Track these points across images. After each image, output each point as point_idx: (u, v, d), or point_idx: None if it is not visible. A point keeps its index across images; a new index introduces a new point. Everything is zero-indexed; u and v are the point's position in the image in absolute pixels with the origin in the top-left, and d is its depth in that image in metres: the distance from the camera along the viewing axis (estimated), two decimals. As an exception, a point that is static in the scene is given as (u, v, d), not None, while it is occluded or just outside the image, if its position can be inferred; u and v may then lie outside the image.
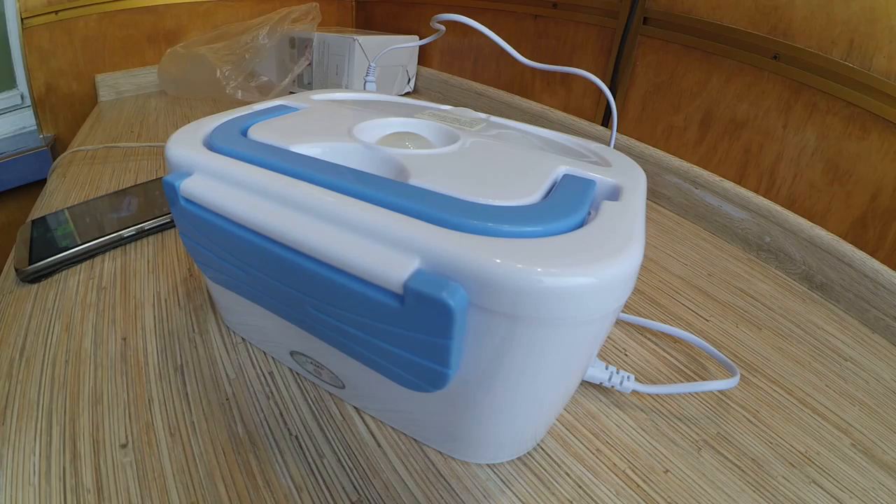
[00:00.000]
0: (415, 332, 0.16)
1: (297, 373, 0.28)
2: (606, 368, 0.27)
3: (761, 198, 0.44)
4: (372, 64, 0.44)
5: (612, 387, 0.27)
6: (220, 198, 0.20)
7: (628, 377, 0.27)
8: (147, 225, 0.39)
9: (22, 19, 0.67)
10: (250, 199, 0.20)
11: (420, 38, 0.78)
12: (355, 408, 0.26)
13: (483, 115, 0.32)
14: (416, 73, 0.84)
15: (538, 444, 0.25)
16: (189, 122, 0.26)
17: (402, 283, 0.15)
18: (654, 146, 0.53)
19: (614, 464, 0.24)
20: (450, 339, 0.16)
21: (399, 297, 0.16)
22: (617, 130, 0.57)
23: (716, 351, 0.30)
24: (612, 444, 0.25)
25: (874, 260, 0.36)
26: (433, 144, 0.26)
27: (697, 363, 0.31)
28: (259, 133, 0.24)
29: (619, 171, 0.23)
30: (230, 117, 0.27)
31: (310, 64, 0.76)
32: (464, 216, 0.17)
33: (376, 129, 0.27)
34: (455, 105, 0.35)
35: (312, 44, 0.74)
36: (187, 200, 0.21)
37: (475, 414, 0.20)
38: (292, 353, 0.26)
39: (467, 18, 0.34)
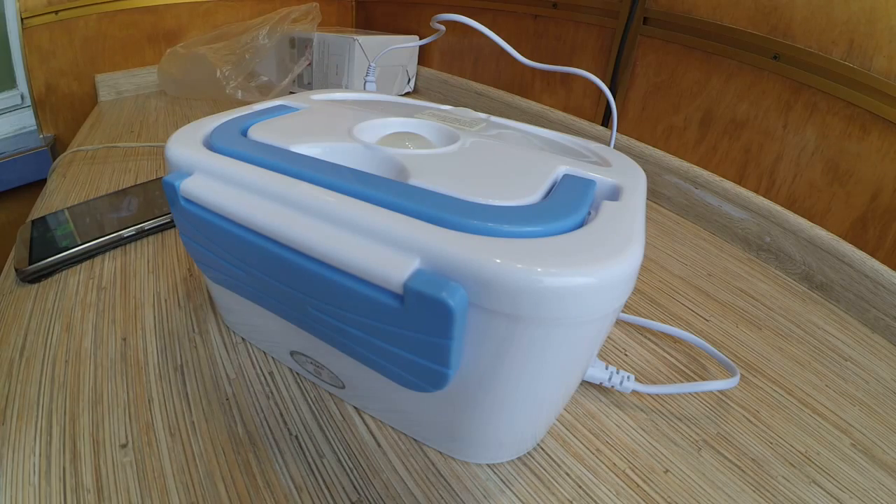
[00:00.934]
0: (415, 332, 0.16)
1: (297, 373, 0.28)
2: (606, 368, 0.27)
3: (761, 198, 0.44)
4: (372, 64, 0.44)
5: (612, 387, 0.27)
6: (219, 198, 0.20)
7: (628, 377, 0.27)
8: (147, 225, 0.39)
9: (22, 19, 0.67)
10: (250, 199, 0.20)
11: (420, 38, 0.78)
12: (355, 408, 0.26)
13: (483, 115, 0.32)
14: (416, 73, 0.84)
15: (538, 444, 0.25)
16: (189, 122, 0.26)
17: (402, 283, 0.15)
18: (654, 146, 0.53)
19: (614, 464, 0.24)
20: (450, 339, 0.16)
21: (399, 297, 0.16)
22: (617, 130, 0.57)
23: (716, 351, 0.30)
24: (612, 444, 0.25)
25: (874, 260, 0.36)
26: (433, 144, 0.26)
27: (697, 363, 0.31)
28: (259, 133, 0.24)
29: (619, 171, 0.23)
30: (230, 117, 0.27)
31: (310, 64, 0.76)
32: (464, 216, 0.17)
33: (376, 129, 0.27)
34: (455, 105, 0.35)
35: (312, 44, 0.74)
36: (187, 200, 0.21)
37: (475, 414, 0.20)
38: (292, 353, 0.26)
39: (467, 18, 0.34)
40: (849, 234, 0.40)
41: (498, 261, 0.15)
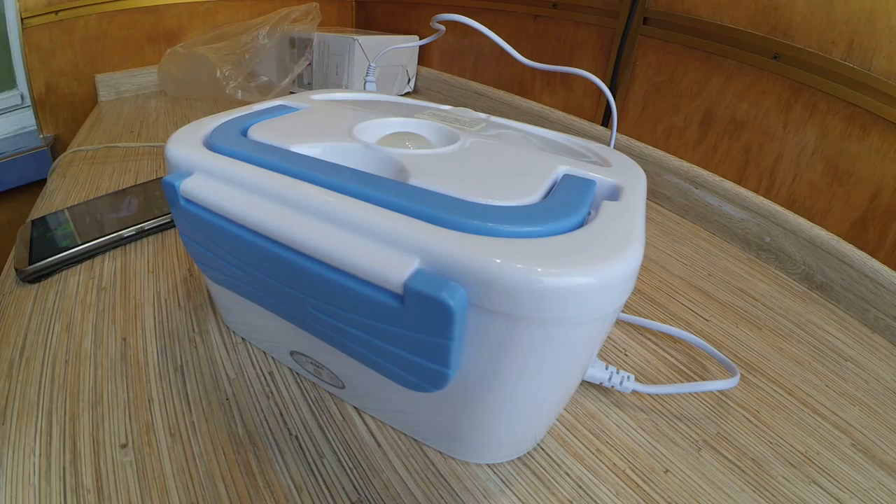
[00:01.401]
0: (415, 332, 0.16)
1: (297, 373, 0.28)
2: (606, 368, 0.27)
3: (761, 198, 0.44)
4: (372, 64, 0.44)
5: (612, 387, 0.27)
6: (220, 198, 0.20)
7: (628, 377, 0.27)
8: (147, 225, 0.39)
9: (22, 19, 0.67)
10: (250, 199, 0.20)
11: (420, 38, 0.78)
12: (355, 408, 0.26)
13: (483, 115, 0.32)
14: (416, 73, 0.84)
15: (538, 444, 0.25)
16: (189, 122, 0.26)
17: (402, 283, 0.15)
18: (654, 146, 0.53)
19: (614, 464, 0.24)
20: (450, 339, 0.16)
21: (399, 297, 0.16)
22: (617, 130, 0.57)
23: (716, 351, 0.30)
24: (612, 444, 0.25)
25: (874, 260, 0.36)
26: (433, 144, 0.26)
27: (697, 363, 0.31)
28: (259, 133, 0.24)
29: (619, 171, 0.23)
30: (230, 117, 0.27)
31: (310, 64, 0.76)
32: (464, 216, 0.17)
33: (376, 129, 0.27)
34: (455, 105, 0.35)
35: (312, 44, 0.74)
36: (187, 200, 0.21)
37: (475, 414, 0.20)
38: (292, 353, 0.26)
39: (467, 18, 0.34)
40: (849, 234, 0.40)
41: (498, 261, 0.15)
